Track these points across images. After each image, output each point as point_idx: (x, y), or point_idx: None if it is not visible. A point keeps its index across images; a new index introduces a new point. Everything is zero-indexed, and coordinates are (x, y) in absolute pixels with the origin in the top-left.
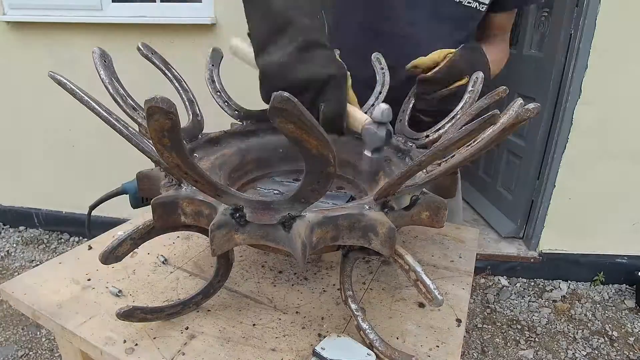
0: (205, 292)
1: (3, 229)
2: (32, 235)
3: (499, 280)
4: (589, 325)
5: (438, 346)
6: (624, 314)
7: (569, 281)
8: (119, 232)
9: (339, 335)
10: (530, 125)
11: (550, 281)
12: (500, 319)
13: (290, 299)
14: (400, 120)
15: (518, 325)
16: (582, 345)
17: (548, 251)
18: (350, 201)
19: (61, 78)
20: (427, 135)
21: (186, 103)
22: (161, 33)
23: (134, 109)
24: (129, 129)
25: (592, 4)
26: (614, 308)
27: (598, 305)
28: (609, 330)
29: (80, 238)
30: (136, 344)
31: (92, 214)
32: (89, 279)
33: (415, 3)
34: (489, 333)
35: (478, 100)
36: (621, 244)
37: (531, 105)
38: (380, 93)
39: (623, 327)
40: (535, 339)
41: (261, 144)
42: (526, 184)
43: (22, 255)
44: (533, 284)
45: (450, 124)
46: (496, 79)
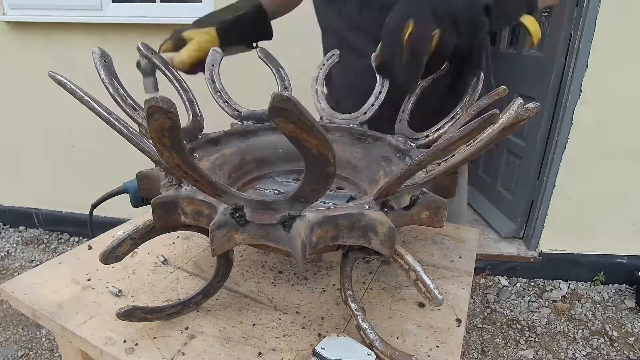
0: (205, 292)
1: (3, 229)
2: (32, 235)
3: (499, 280)
4: (589, 325)
5: (438, 346)
6: (624, 314)
7: (569, 281)
8: (119, 232)
9: (339, 335)
10: (530, 125)
11: (550, 281)
12: (500, 319)
13: (290, 299)
14: (400, 120)
15: (518, 325)
16: (582, 345)
17: (548, 251)
18: (350, 201)
19: (61, 78)
20: (427, 135)
21: (186, 103)
22: (161, 33)
23: (134, 109)
24: (129, 129)
25: (592, 4)
26: (614, 308)
27: (598, 305)
28: (609, 330)
29: (80, 238)
30: (136, 344)
31: (93, 213)
32: (89, 279)
33: None
34: (489, 333)
35: (478, 100)
36: (621, 244)
37: (531, 105)
38: (380, 93)
39: (623, 327)
40: (535, 339)
41: (261, 144)
42: (526, 184)
43: (22, 255)
44: (533, 284)
45: (450, 124)
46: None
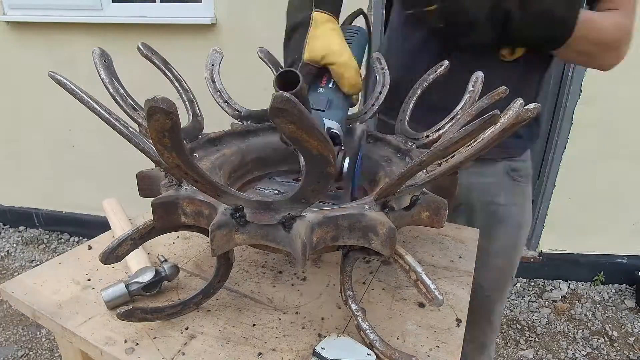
0: (205, 292)
1: (3, 229)
2: (32, 235)
3: None
4: (589, 325)
5: (438, 346)
6: (624, 314)
7: (569, 281)
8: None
9: (339, 335)
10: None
11: (550, 281)
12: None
13: (290, 299)
14: (401, 120)
15: (518, 325)
16: (582, 345)
17: (548, 251)
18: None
19: (61, 78)
20: (427, 135)
21: (186, 103)
22: (161, 33)
23: (134, 109)
24: (129, 129)
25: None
26: (614, 308)
27: (598, 305)
28: (609, 330)
29: (80, 238)
30: (136, 344)
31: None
32: (89, 279)
33: None
34: None
35: (478, 100)
36: (621, 244)
37: (531, 106)
38: (380, 93)
39: (623, 327)
40: (535, 339)
41: (261, 144)
42: None
43: (22, 255)
44: (533, 284)
45: (450, 124)
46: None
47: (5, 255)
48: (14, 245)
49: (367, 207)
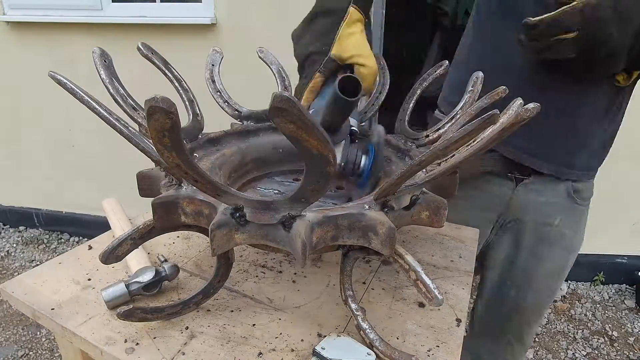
0: (205, 292)
1: (3, 229)
2: (32, 235)
3: None
4: (589, 325)
5: (438, 346)
6: (624, 314)
7: (569, 281)
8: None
9: (339, 335)
10: None
11: None
12: None
13: (290, 299)
14: (401, 120)
15: None
16: (582, 345)
17: None
18: (349, 201)
19: (61, 78)
20: (427, 135)
21: (186, 103)
22: (161, 33)
23: (134, 109)
24: (129, 128)
25: None
26: (614, 308)
27: (598, 305)
28: (609, 330)
29: (80, 238)
30: (136, 344)
31: (93, 213)
32: (89, 279)
33: None
34: None
35: (478, 100)
36: (621, 244)
37: (531, 105)
38: (380, 93)
39: (623, 327)
40: (535, 339)
41: (261, 144)
42: None
43: (22, 255)
44: None
45: (450, 124)
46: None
47: (5, 255)
48: (14, 245)
49: (367, 207)
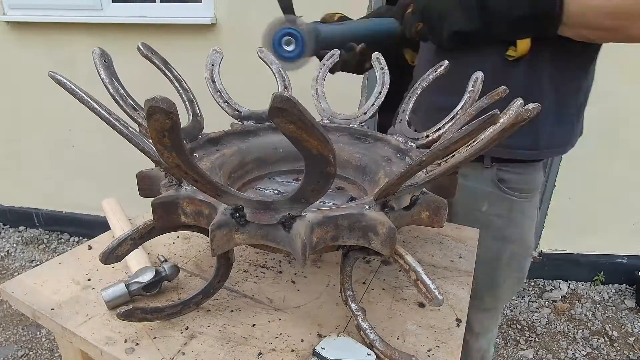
0: (205, 292)
1: (3, 229)
2: (32, 235)
3: None
4: (589, 325)
5: (438, 346)
6: (624, 314)
7: (569, 281)
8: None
9: (339, 335)
10: None
11: (550, 281)
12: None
13: (290, 299)
14: (401, 120)
15: (518, 325)
16: (582, 345)
17: (548, 251)
18: (350, 201)
19: (61, 78)
20: (427, 135)
21: (186, 103)
22: (161, 33)
23: (134, 109)
24: (129, 128)
25: None
26: (614, 308)
27: (598, 305)
28: (609, 330)
29: (80, 238)
30: (136, 344)
31: (93, 213)
32: (89, 279)
33: None
34: None
35: (478, 100)
36: (621, 244)
37: (531, 105)
38: (380, 93)
39: (623, 327)
40: (535, 339)
41: (261, 144)
42: None
43: (22, 255)
44: (533, 284)
45: (450, 124)
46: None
47: (5, 255)
48: (14, 245)
49: (367, 207)
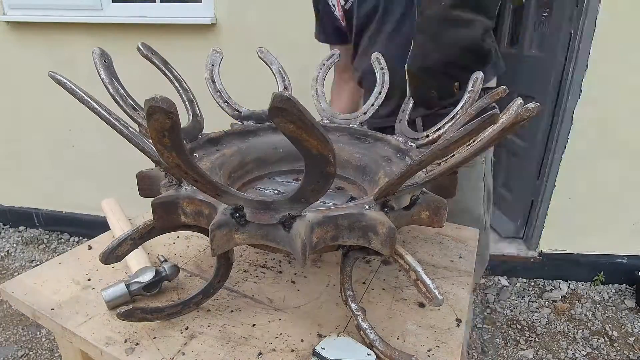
0: (205, 292)
1: (3, 229)
2: (32, 235)
3: (499, 280)
4: (589, 325)
5: (438, 346)
6: (624, 314)
7: (569, 281)
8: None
9: (339, 335)
10: (530, 125)
11: (550, 281)
12: (500, 319)
13: (290, 299)
14: (400, 120)
15: (518, 325)
16: (582, 345)
17: (548, 251)
18: (350, 201)
19: (61, 78)
20: (427, 135)
21: (186, 103)
22: (161, 33)
23: (134, 109)
24: (129, 128)
25: (592, 4)
26: (614, 308)
27: (598, 305)
28: (609, 330)
29: (80, 238)
30: (136, 344)
31: (93, 213)
32: (89, 279)
33: None
34: (489, 333)
35: (478, 100)
36: (621, 244)
37: (531, 105)
38: (380, 93)
39: (623, 327)
40: (535, 339)
41: (261, 144)
42: (526, 184)
43: (22, 255)
44: (533, 284)
45: (450, 124)
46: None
47: (5, 255)
48: (14, 245)
49: (367, 207)
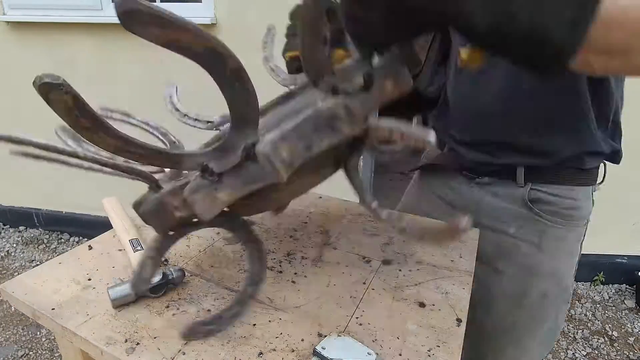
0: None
1: (3, 229)
2: (32, 235)
3: None
4: (589, 325)
5: (438, 346)
6: (624, 314)
7: None
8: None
9: (339, 335)
10: None
11: None
12: None
13: (290, 299)
14: None
15: None
16: (582, 345)
17: None
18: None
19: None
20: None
21: (161, 138)
22: None
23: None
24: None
25: None
26: (614, 308)
27: (598, 305)
28: (609, 330)
29: (80, 238)
30: (137, 344)
31: (93, 213)
32: (89, 279)
33: None
34: None
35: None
36: (621, 244)
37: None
38: None
39: (623, 327)
40: None
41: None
42: None
43: (22, 255)
44: None
45: None
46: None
47: (5, 255)
48: (14, 245)
49: (320, 102)
